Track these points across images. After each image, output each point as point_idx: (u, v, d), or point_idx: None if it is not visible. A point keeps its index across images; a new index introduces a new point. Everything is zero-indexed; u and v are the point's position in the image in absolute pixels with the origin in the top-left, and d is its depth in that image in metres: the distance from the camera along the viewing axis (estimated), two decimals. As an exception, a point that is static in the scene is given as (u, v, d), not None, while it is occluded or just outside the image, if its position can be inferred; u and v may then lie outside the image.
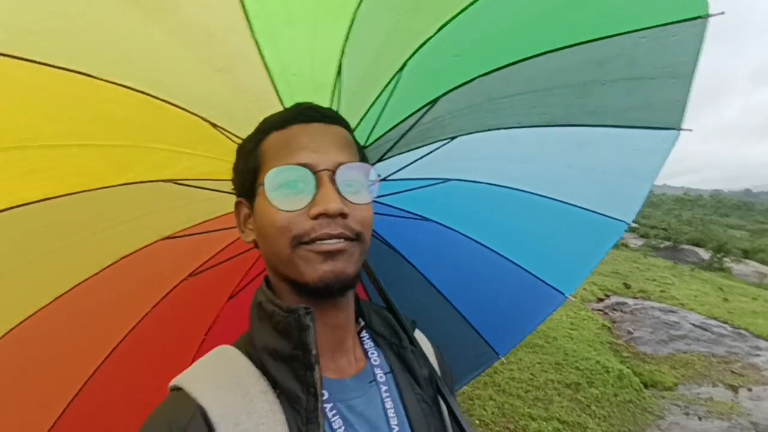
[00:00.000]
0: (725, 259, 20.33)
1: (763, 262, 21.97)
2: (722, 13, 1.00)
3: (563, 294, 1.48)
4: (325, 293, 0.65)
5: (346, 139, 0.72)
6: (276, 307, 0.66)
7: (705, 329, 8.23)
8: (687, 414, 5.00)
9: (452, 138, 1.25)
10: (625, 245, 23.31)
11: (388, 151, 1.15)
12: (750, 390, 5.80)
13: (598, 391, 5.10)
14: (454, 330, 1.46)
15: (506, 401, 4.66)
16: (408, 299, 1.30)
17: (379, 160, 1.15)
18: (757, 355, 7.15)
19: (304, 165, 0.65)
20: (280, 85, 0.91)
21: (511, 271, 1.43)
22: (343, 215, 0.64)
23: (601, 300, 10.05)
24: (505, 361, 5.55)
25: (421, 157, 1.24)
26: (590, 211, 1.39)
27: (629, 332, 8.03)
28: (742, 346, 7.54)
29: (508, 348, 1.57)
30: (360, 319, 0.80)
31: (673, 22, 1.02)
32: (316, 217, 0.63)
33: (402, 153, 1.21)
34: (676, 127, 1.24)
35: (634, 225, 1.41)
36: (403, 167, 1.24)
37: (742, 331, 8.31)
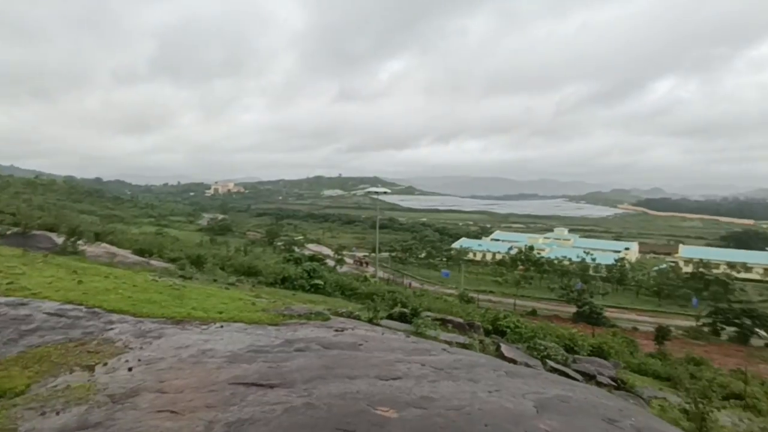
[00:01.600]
0: (79, 242, 20.96)
1: (112, 243, 24.39)
2: None
3: None
4: None
5: None
6: None
7: (61, 315, 7.91)
8: (44, 414, 4.49)
9: None
10: (-39, 234, 18.92)
11: None
12: (106, 364, 6.05)
13: None
14: None
15: None
16: None
17: None
18: (111, 329, 7.64)
19: None
20: None
21: None
22: None
23: None
24: None
25: None
26: None
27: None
28: (98, 324, 7.82)
29: None
30: None
31: None
32: None
33: None
34: None
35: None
36: None
37: (97, 310, 8.64)
